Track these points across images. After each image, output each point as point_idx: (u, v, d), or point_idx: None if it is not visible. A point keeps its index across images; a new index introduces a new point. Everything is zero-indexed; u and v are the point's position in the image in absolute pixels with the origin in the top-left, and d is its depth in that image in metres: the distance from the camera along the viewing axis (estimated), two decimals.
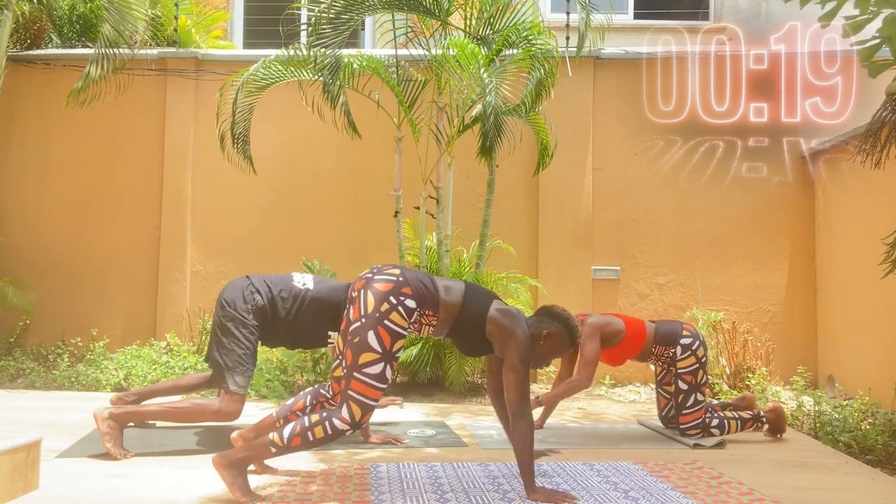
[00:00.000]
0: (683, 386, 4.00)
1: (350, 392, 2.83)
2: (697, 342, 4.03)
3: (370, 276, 2.97)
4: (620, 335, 4.00)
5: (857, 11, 3.33)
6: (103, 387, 5.32)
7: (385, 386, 2.87)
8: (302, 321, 3.74)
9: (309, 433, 2.80)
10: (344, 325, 3.03)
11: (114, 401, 3.95)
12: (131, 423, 3.91)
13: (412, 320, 2.94)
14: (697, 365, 4.00)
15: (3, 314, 6.07)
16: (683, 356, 4.00)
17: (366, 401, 2.83)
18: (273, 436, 2.82)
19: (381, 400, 3.72)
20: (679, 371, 4.01)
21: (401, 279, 2.93)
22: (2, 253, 6.22)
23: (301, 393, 3.27)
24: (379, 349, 2.84)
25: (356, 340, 2.85)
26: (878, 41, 3.41)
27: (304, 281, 3.83)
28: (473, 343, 3.07)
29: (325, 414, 2.83)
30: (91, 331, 6.16)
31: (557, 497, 2.89)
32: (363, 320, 2.87)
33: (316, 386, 3.25)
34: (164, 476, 3.16)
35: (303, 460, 3.46)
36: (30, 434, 2.93)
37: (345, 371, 2.87)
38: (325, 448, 3.69)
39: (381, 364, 2.84)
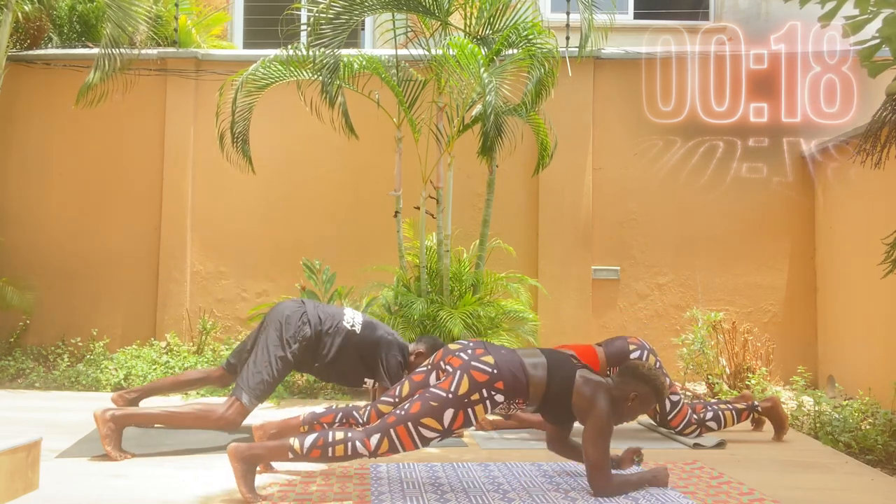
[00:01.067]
0: None
1: (392, 430, 2.86)
2: (645, 352, 4.00)
3: (466, 358, 2.98)
4: None
5: (856, 11, 3.33)
6: (103, 387, 5.32)
7: (421, 445, 2.91)
8: (341, 361, 3.87)
9: (330, 449, 2.82)
10: (421, 378, 3.10)
11: (114, 398, 3.95)
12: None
13: (495, 410, 3.01)
14: None
15: (3, 314, 6.07)
16: None
17: (398, 445, 2.87)
18: (294, 442, 2.83)
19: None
20: None
21: (495, 372, 2.94)
22: (2, 253, 6.22)
23: (334, 406, 3.29)
24: (446, 426, 2.89)
25: (432, 404, 2.88)
26: (878, 41, 3.41)
27: (353, 322, 3.92)
28: (561, 415, 3.11)
29: (350, 434, 2.85)
30: (91, 331, 6.16)
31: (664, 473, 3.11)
32: (450, 395, 2.89)
33: (350, 406, 3.27)
34: (163, 476, 3.16)
35: None
36: (30, 434, 2.93)
37: (400, 412, 2.89)
38: None
39: (436, 434, 2.90)
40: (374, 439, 2.85)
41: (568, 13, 6.46)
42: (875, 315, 5.20)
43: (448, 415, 2.87)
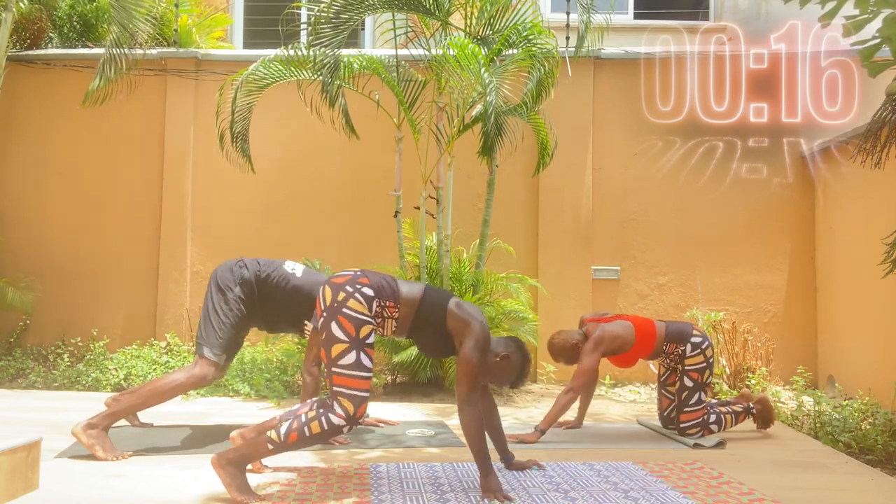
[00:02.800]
0: (689, 383, 4.02)
1: (336, 388, 2.85)
2: (707, 342, 4.08)
3: (329, 277, 3.03)
4: (629, 345, 4.05)
5: (856, 11, 3.33)
6: (103, 387, 5.32)
7: (366, 374, 2.86)
8: (281, 300, 3.79)
9: (306, 429, 2.81)
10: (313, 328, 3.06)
11: (108, 402, 3.94)
12: (123, 422, 3.93)
13: (373, 311, 2.95)
14: (705, 364, 4.04)
15: (3, 314, 6.07)
16: (693, 354, 4.04)
17: (353, 392, 2.83)
18: (271, 433, 2.83)
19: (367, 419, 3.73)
20: (686, 368, 4.04)
21: (358, 273, 3.00)
22: (2, 253, 6.22)
23: (309, 401, 3.27)
24: (345, 337, 2.86)
25: (324, 336, 2.90)
26: (878, 41, 3.41)
27: (293, 268, 3.87)
28: (434, 341, 3.08)
29: (321, 410, 2.85)
30: (91, 331, 6.16)
31: (501, 495, 2.88)
32: (325, 314, 2.91)
33: (323, 397, 3.26)
34: (162, 476, 3.16)
35: (303, 459, 3.46)
36: (30, 434, 2.93)
37: (326, 370, 2.91)
38: (325, 447, 3.70)
39: (353, 352, 2.85)
40: (337, 406, 2.83)
41: (568, 13, 6.46)
42: (875, 315, 5.20)
43: (335, 328, 2.87)
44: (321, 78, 5.07)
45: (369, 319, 2.92)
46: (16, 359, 5.86)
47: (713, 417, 4.04)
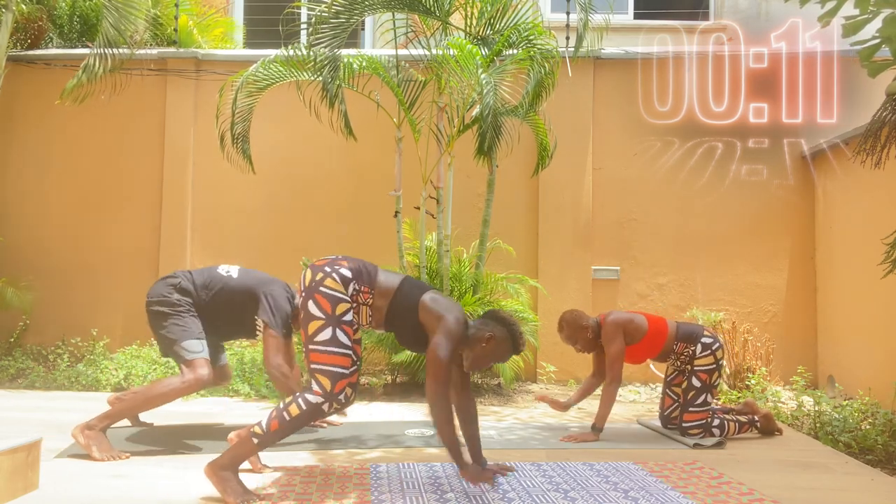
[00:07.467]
0: (696, 383, 4.02)
1: (313, 365, 2.84)
2: (717, 344, 4.09)
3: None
4: (642, 331, 4.07)
5: (856, 11, 3.33)
6: (103, 387, 5.32)
7: (343, 350, 2.83)
8: (222, 309, 3.73)
9: (285, 413, 2.79)
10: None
11: (111, 401, 3.95)
12: (125, 422, 3.93)
13: (350, 292, 2.92)
14: (714, 365, 4.05)
15: (3, 314, 6.07)
16: (703, 354, 4.05)
17: (330, 369, 2.81)
18: (255, 427, 2.81)
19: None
20: (696, 368, 4.04)
21: (339, 257, 3.02)
22: (2, 253, 6.22)
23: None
24: (321, 314, 2.85)
25: (302, 316, 2.90)
26: (877, 41, 3.41)
27: (228, 271, 3.83)
28: (410, 334, 3.03)
29: (298, 394, 2.84)
30: (91, 331, 6.16)
31: (483, 477, 2.92)
32: (303, 294, 2.91)
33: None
34: (163, 476, 3.16)
35: (302, 460, 3.46)
36: (30, 434, 2.93)
37: (304, 349, 2.90)
38: (324, 448, 3.70)
39: (329, 328, 2.83)
40: (314, 384, 2.82)
41: (568, 13, 6.46)
42: (875, 315, 5.20)
43: (312, 306, 2.86)
44: (321, 78, 5.07)
45: (346, 298, 2.90)
46: (16, 359, 5.86)
47: (716, 421, 4.04)
